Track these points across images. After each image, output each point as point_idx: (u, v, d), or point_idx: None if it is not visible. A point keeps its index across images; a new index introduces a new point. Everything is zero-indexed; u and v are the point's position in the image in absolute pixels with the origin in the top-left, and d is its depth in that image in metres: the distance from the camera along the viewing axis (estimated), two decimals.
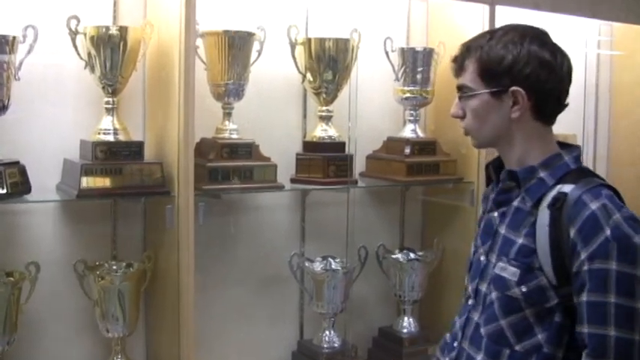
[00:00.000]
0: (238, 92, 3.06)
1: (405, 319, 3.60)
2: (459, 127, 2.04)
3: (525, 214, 1.90)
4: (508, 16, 3.24)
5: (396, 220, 3.77)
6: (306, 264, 3.35)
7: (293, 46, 3.21)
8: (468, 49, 1.94)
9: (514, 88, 1.87)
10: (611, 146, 4.42)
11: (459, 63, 1.97)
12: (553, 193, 1.86)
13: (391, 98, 3.56)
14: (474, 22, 3.38)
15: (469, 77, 1.93)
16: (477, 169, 3.43)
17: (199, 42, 2.96)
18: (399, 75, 3.46)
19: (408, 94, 3.48)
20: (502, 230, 1.94)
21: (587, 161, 4.09)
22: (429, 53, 3.46)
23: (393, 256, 3.57)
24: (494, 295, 1.90)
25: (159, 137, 2.92)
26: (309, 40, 3.21)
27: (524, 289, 1.84)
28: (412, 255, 3.58)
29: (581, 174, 1.90)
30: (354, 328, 3.48)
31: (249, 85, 3.10)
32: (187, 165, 2.74)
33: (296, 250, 3.39)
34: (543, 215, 1.84)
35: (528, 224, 1.88)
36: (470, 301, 2.01)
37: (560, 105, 1.94)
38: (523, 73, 1.86)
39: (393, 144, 3.50)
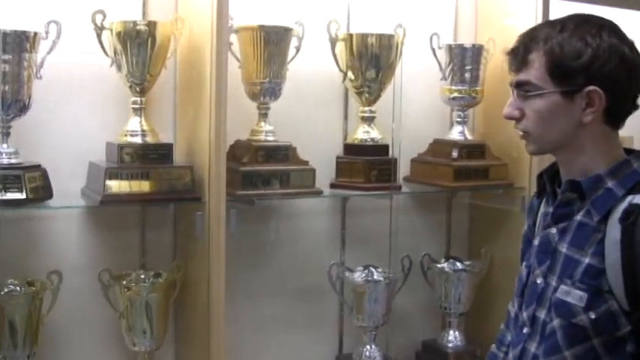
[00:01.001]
0: (275, 91, 2.87)
1: (451, 332, 3.39)
2: (510, 129, 1.83)
3: (591, 229, 1.67)
4: (562, 10, 3.02)
5: (441, 228, 3.56)
6: (346, 274, 3.15)
7: (333, 42, 3.01)
8: (532, 39, 1.70)
9: (591, 88, 1.64)
10: None
11: (519, 56, 1.72)
12: (624, 205, 1.63)
13: (437, 98, 3.35)
14: (526, 17, 3.15)
15: (535, 73, 1.68)
16: (528, 174, 3.21)
17: (233, 38, 2.79)
18: (447, 73, 3.25)
19: (455, 94, 3.26)
20: (563, 249, 1.72)
21: None
22: (478, 50, 3.24)
23: (439, 266, 3.36)
24: (556, 322, 1.67)
25: (189, 139, 2.75)
26: (351, 35, 3.02)
27: (592, 316, 1.62)
28: (459, 265, 3.36)
29: None
30: (397, 342, 3.26)
31: (287, 83, 2.91)
32: (219, 169, 2.58)
33: (335, 259, 3.19)
34: (614, 231, 1.62)
35: (595, 241, 1.65)
36: (525, 330, 1.78)
37: (635, 107, 1.72)
38: (603, 70, 1.63)
39: (439, 147, 3.29)
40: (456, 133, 3.32)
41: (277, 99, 2.90)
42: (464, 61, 3.23)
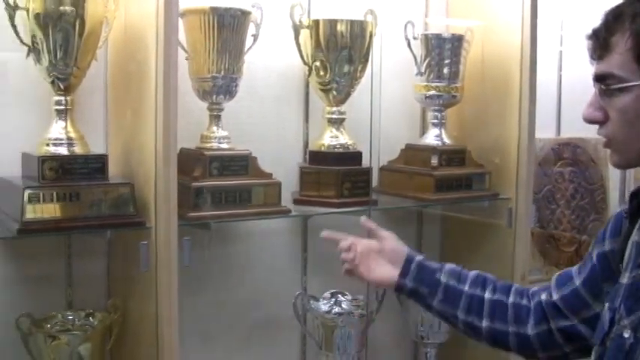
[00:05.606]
0: (230, 89, 2.36)
1: None
2: (490, 132, 1.43)
3: None
4: None
5: (411, 244, 3.09)
6: (311, 304, 2.65)
7: (297, 30, 2.52)
8: (617, 17, 1.29)
9: None
10: None
11: (600, 39, 1.31)
12: None
13: (408, 97, 2.89)
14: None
15: (617, 61, 1.28)
16: (515, 182, 2.80)
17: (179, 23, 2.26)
18: (423, 68, 2.79)
19: (432, 92, 2.79)
20: None
21: None
22: (458, 41, 2.79)
23: None
24: None
25: (127, 149, 2.23)
26: (317, 22, 2.51)
27: None
28: None
29: None
30: None
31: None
32: (169, 186, 2.05)
33: (297, 286, 2.71)
34: None
35: None
36: None
37: None
38: None
39: (413, 153, 2.84)
40: (432, 137, 2.86)
41: (233, 97, 2.40)
42: (442, 53, 2.77)
